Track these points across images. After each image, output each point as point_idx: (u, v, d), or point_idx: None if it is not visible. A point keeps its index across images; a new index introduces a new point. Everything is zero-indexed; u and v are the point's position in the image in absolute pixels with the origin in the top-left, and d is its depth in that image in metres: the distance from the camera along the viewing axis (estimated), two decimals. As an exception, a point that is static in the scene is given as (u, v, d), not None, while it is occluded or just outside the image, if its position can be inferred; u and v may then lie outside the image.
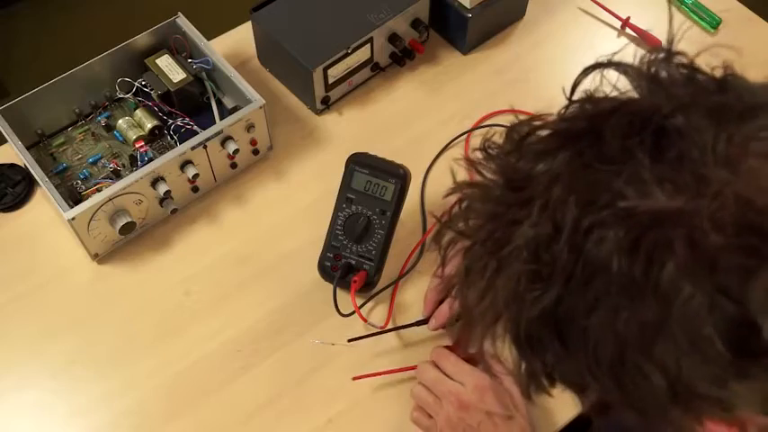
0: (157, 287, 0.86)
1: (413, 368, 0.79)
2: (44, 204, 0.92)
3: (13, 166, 0.93)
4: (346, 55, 0.95)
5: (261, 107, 0.89)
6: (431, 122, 0.99)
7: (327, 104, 1.00)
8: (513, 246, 0.41)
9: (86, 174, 0.91)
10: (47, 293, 0.86)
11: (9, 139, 0.87)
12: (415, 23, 1.01)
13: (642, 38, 1.05)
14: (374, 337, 0.82)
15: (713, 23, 1.07)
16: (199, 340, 0.82)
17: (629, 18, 1.06)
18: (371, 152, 0.84)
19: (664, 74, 0.42)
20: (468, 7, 1.00)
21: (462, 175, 0.49)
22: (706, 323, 0.37)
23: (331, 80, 0.97)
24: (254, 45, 1.03)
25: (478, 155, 0.46)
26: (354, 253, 0.83)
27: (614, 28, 1.07)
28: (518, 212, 0.41)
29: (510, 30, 1.09)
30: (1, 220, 0.91)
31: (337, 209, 0.84)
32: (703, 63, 0.43)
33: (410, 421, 0.76)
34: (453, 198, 0.47)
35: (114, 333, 0.83)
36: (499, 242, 0.42)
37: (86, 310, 0.85)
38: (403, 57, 1.02)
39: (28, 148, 0.88)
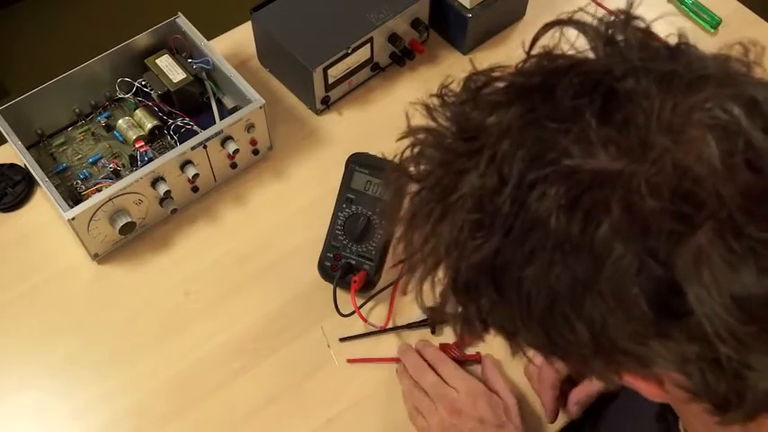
0: (157, 287, 0.86)
1: None
2: (44, 204, 0.92)
3: (13, 166, 0.93)
4: (346, 55, 0.95)
5: (261, 107, 0.89)
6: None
7: (327, 104, 1.00)
8: (458, 194, 0.42)
9: (86, 174, 0.91)
10: (47, 293, 0.86)
11: (9, 139, 0.87)
12: (415, 23, 1.01)
13: (642, 38, 1.05)
14: (375, 337, 0.82)
15: (713, 23, 1.07)
16: (199, 340, 0.82)
17: (629, 18, 1.06)
18: (371, 152, 0.84)
19: (620, 36, 0.43)
20: (468, 7, 1.00)
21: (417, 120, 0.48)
22: (633, 284, 0.38)
23: (331, 80, 0.97)
24: (254, 45, 1.03)
25: (435, 101, 0.47)
26: (354, 253, 0.83)
27: (614, 28, 1.07)
28: (467, 162, 0.42)
29: (510, 30, 1.09)
30: (1, 220, 0.91)
31: (337, 209, 0.84)
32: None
33: (409, 421, 0.76)
34: (406, 142, 0.48)
35: (114, 333, 0.83)
36: (446, 189, 0.43)
37: (86, 310, 0.85)
38: (403, 57, 1.02)
39: (28, 148, 0.88)
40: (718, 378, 0.41)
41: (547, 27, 0.46)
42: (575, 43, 0.44)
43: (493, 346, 0.80)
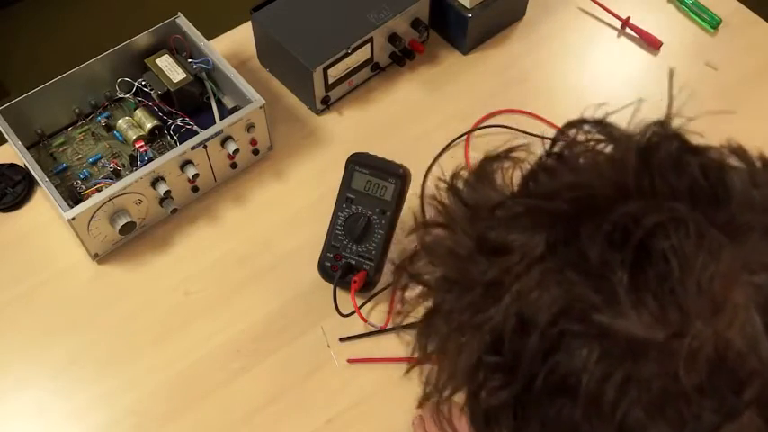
0: (157, 287, 0.86)
1: (409, 360, 0.79)
2: (44, 204, 0.92)
3: (13, 166, 0.93)
4: (346, 55, 0.95)
5: (261, 107, 0.89)
6: (431, 122, 0.99)
7: (327, 104, 1.00)
8: (476, 330, 0.39)
9: (86, 174, 0.91)
10: (47, 293, 0.86)
11: (9, 139, 0.87)
12: (415, 23, 1.01)
13: (642, 38, 1.05)
14: (375, 337, 0.82)
15: (713, 23, 1.07)
16: (199, 340, 0.82)
17: (629, 18, 1.06)
18: (371, 152, 0.84)
19: (656, 157, 0.38)
20: (468, 7, 1.00)
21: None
22: None
23: (331, 80, 0.97)
24: (254, 45, 1.03)
25: (444, 194, 0.43)
26: (354, 253, 0.83)
27: (614, 28, 1.07)
28: (485, 297, 0.39)
29: (510, 30, 1.09)
30: (1, 220, 0.91)
31: (337, 209, 0.84)
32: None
33: (409, 422, 0.76)
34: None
35: (114, 333, 0.83)
36: (462, 320, 0.40)
37: (86, 309, 0.85)
38: (403, 57, 1.02)
39: (28, 148, 0.88)
40: None
41: (570, 126, 0.41)
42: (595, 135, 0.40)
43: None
